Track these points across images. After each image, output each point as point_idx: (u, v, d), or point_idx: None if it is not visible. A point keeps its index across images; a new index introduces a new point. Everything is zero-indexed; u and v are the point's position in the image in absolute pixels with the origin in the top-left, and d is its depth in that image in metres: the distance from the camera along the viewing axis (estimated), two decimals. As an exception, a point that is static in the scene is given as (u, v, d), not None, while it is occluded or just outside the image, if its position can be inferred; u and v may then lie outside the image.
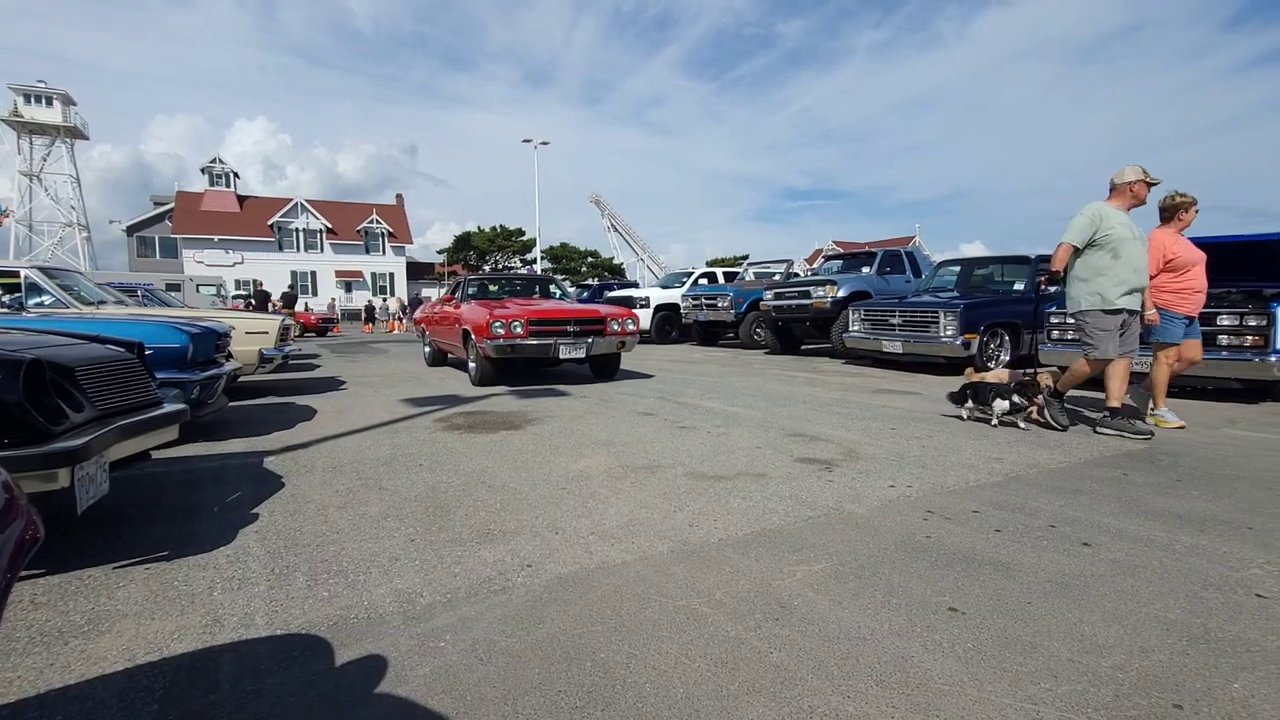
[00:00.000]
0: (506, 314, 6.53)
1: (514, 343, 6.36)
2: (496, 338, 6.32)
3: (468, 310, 7.21)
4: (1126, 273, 4.05)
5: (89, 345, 2.57)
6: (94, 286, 6.59)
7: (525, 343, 6.40)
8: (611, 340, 6.93)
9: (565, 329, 6.69)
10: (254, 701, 1.42)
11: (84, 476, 1.99)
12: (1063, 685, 1.46)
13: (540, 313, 6.71)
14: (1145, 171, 4.19)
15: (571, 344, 6.60)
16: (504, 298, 8.55)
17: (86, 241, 42.66)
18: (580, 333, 6.75)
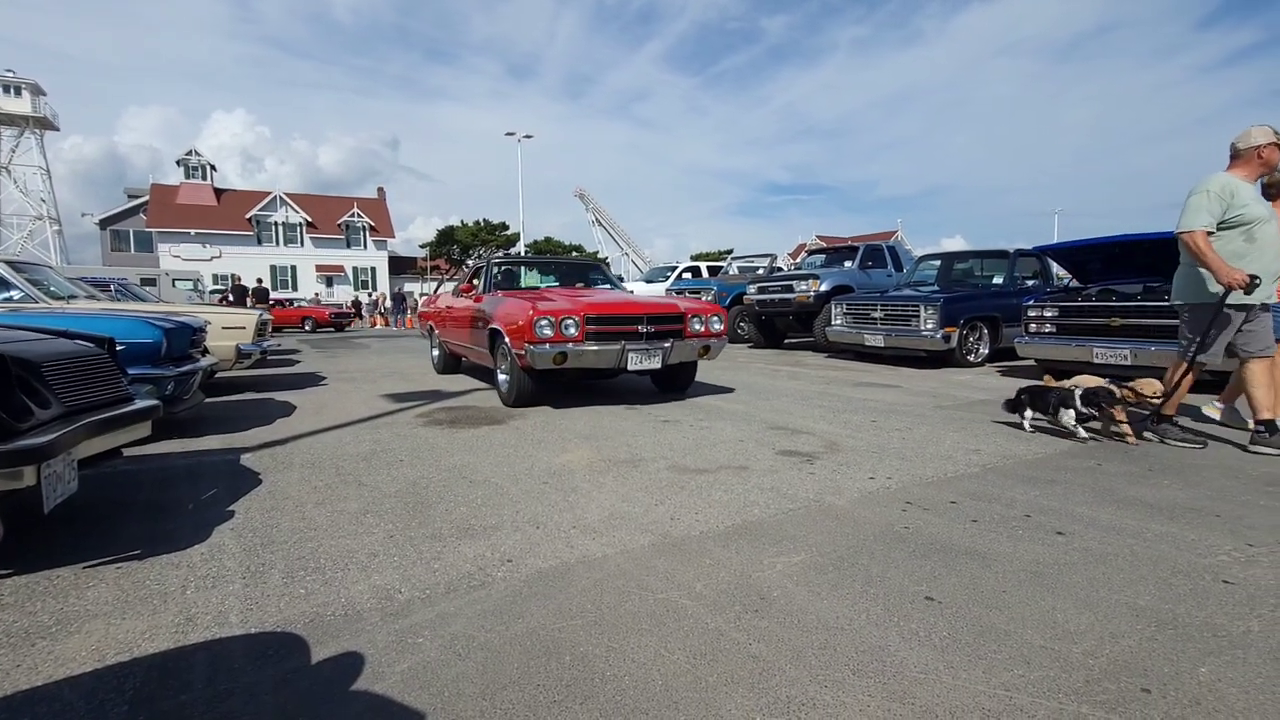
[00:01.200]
0: (555, 308, 4.77)
1: (567, 348, 4.66)
2: (542, 341, 4.63)
3: (497, 304, 5.44)
4: (1268, 259, 3.42)
5: (56, 341, 2.51)
6: (65, 281, 6.43)
7: (582, 348, 4.71)
8: (692, 344, 5.14)
9: (635, 329, 4.96)
10: (226, 701, 1.40)
11: (51, 474, 1.95)
12: (1035, 671, 1.49)
13: (601, 306, 4.99)
14: (1277, 132, 3.48)
15: (644, 350, 4.87)
16: (540, 287, 6.65)
17: (58, 235, 41.70)
18: (655, 334, 5.02)
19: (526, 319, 4.66)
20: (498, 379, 5.45)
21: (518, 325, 4.78)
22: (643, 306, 5.16)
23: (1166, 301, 5.63)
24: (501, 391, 5.39)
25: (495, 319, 5.24)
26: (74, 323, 3.50)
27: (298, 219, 42.04)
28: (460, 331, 6.49)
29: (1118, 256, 6.76)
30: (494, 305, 5.44)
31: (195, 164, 41.35)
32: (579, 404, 5.32)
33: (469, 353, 6.48)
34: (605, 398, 5.64)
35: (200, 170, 41.49)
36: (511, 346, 4.87)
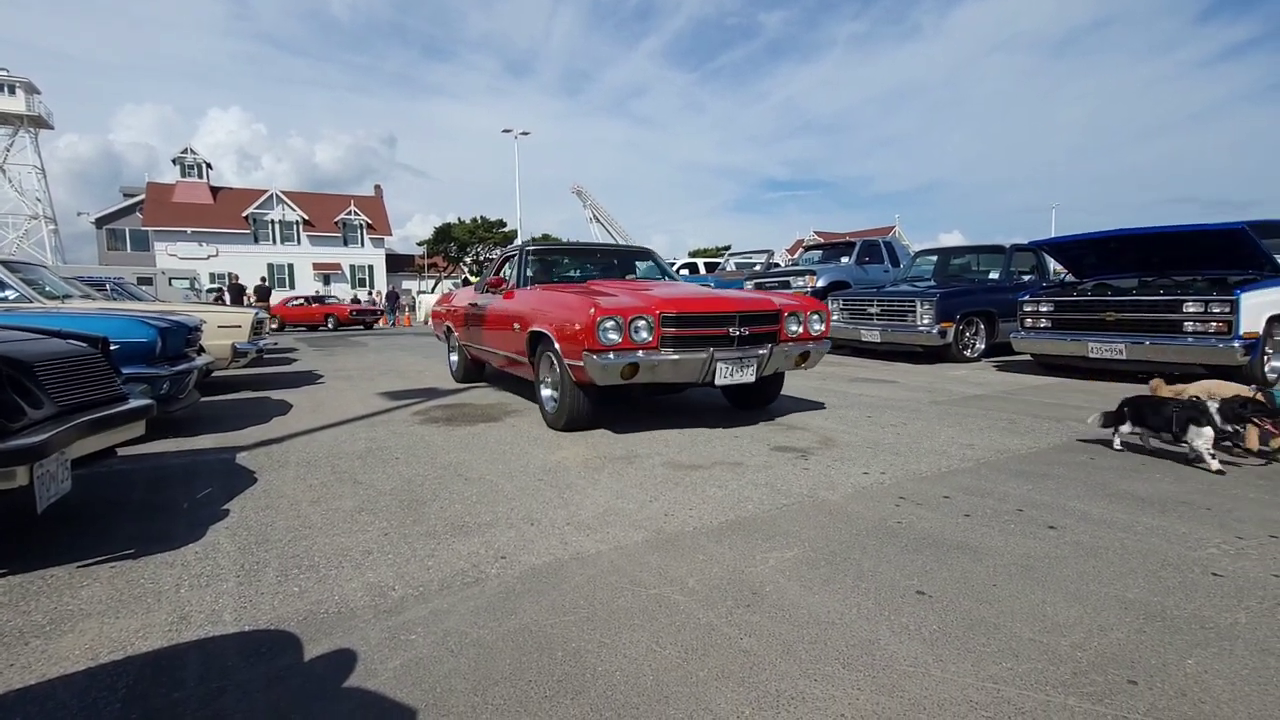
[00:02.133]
0: (621, 305, 3.72)
1: (638, 357, 3.59)
2: (606, 349, 3.58)
3: (538, 301, 4.45)
4: None
5: (50, 340, 2.51)
6: (60, 280, 6.42)
7: (658, 358, 3.64)
8: (790, 350, 4.09)
9: (725, 331, 3.89)
10: (219, 698, 1.41)
11: (44, 474, 1.95)
12: (1023, 664, 1.50)
13: (682, 303, 3.89)
14: None
15: (736, 358, 3.82)
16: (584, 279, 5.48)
17: (53, 234, 41.59)
18: (748, 338, 3.96)
19: (586, 320, 3.59)
20: (540, 395, 4.35)
21: (573, 328, 3.72)
22: (734, 302, 4.07)
23: (1161, 295, 5.68)
24: (546, 412, 4.28)
25: (538, 320, 4.20)
26: (68, 322, 3.50)
27: (294, 217, 41.91)
28: (488, 334, 5.44)
29: (1113, 251, 6.78)
30: (534, 303, 4.46)
31: (191, 162, 41.19)
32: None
33: (498, 360, 5.37)
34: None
35: (196, 168, 41.34)
36: (563, 355, 3.81)
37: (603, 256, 6.14)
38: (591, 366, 3.57)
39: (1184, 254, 6.28)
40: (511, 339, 4.75)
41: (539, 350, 4.32)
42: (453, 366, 6.89)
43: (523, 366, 4.71)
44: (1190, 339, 5.42)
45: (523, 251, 5.43)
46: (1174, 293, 5.66)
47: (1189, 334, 5.44)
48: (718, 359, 3.77)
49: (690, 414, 4.67)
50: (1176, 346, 5.47)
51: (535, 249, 5.56)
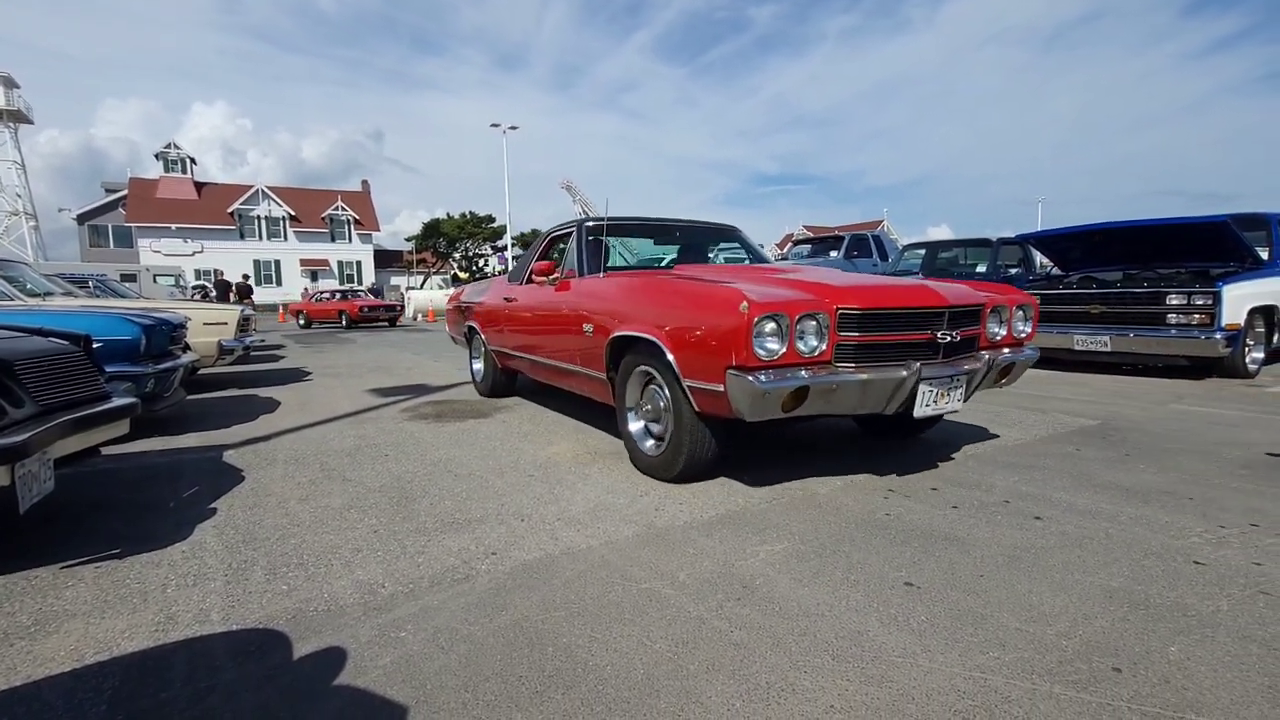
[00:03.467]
0: (781, 299, 2.51)
1: (808, 378, 2.43)
2: (765, 364, 2.41)
3: (629, 293, 3.24)
4: None
5: (30, 339, 2.47)
6: (41, 278, 6.33)
7: (840, 378, 2.49)
8: (995, 360, 2.98)
9: (930, 335, 2.73)
10: (206, 698, 1.40)
11: (26, 474, 1.92)
12: (1010, 653, 1.52)
13: (873, 293, 2.73)
14: None
15: (945, 376, 2.71)
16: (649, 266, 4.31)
17: (34, 231, 40.86)
18: (956, 345, 2.84)
19: (735, 322, 2.37)
20: (627, 428, 3.17)
21: (706, 333, 2.52)
22: (938, 294, 2.79)
23: (1145, 288, 5.75)
24: (641, 453, 3.08)
25: (629, 320, 3.02)
26: (50, 320, 3.45)
27: (281, 213, 41.50)
28: (533, 338, 4.29)
29: (1099, 244, 6.84)
30: (616, 296, 3.27)
31: (175, 157, 40.66)
32: (566, 396, 5.31)
33: (546, 373, 4.17)
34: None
35: (180, 164, 40.81)
36: (682, 373, 2.63)
37: (682, 235, 4.70)
38: (740, 392, 2.35)
39: (1168, 247, 6.35)
40: (576, 346, 3.57)
41: (626, 364, 3.12)
42: (476, 376, 5.63)
43: (591, 384, 3.54)
44: (1174, 331, 5.49)
45: (582, 228, 4.07)
46: (1158, 285, 5.72)
47: (1172, 326, 5.51)
48: (924, 376, 2.59)
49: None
50: (1160, 339, 5.54)
51: (598, 223, 4.11)
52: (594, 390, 3.58)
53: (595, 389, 3.54)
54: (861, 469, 3.04)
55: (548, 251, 4.60)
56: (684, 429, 2.76)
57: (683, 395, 2.70)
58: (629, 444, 3.19)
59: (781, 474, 3.00)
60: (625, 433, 3.20)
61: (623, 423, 3.22)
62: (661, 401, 2.94)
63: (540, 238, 4.77)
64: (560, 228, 4.51)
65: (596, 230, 4.07)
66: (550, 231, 4.67)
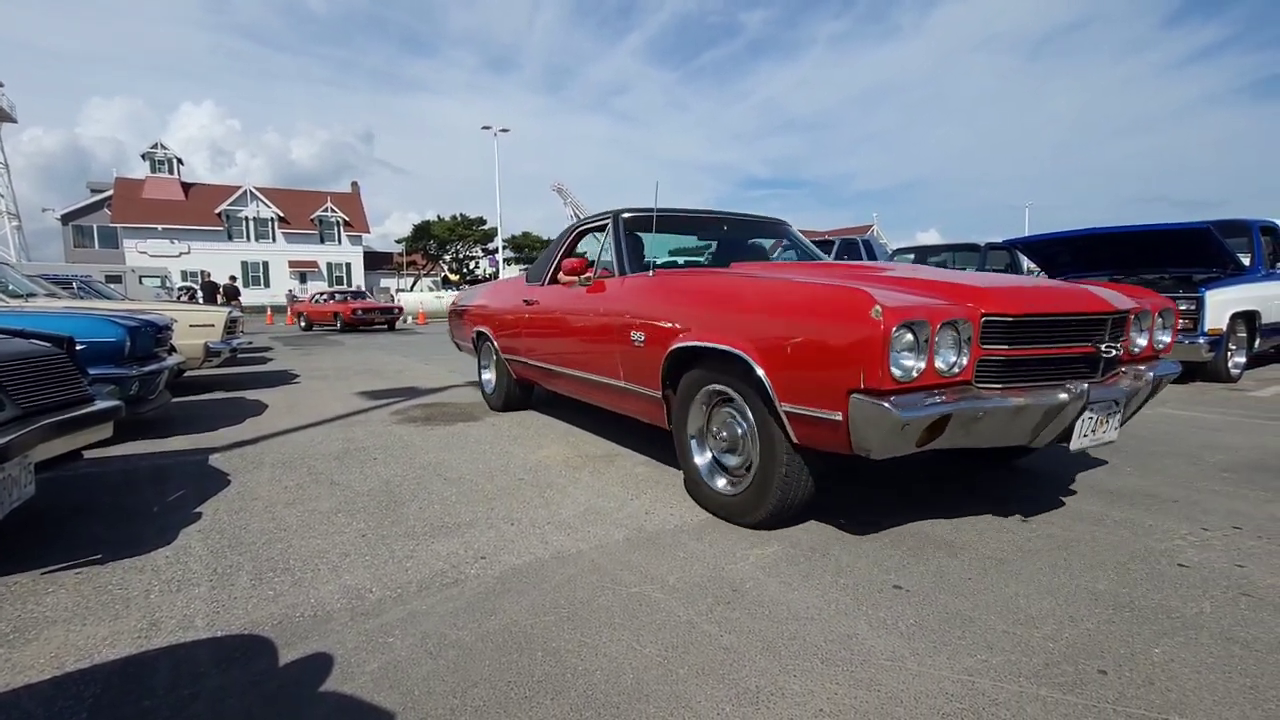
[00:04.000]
0: (913, 303, 1.95)
1: (940, 403, 1.86)
2: (897, 388, 1.84)
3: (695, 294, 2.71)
4: None
5: (11, 341, 2.43)
6: (23, 279, 6.25)
7: (989, 404, 1.93)
8: (1150, 379, 2.45)
9: (1092, 349, 2.24)
10: (190, 705, 1.38)
11: (5, 479, 1.89)
12: (997, 656, 1.52)
13: (1024, 296, 2.18)
14: None
15: (1107, 401, 2.19)
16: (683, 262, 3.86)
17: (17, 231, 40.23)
18: (1113, 360, 2.35)
19: (867, 332, 1.84)
20: (691, 459, 2.63)
21: (824, 345, 1.97)
22: (1098, 299, 2.32)
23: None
24: (712, 488, 2.54)
25: (703, 328, 2.46)
26: (32, 321, 3.40)
27: (269, 214, 41.18)
28: (563, 348, 3.69)
29: (1085, 249, 6.92)
30: (678, 300, 2.70)
31: (162, 157, 40.25)
32: (557, 400, 5.30)
33: (586, 389, 3.55)
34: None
35: (167, 164, 40.41)
36: (780, 398, 2.10)
37: (731, 229, 4.04)
38: (871, 422, 1.82)
39: (1152, 253, 6.43)
40: (618, 357, 3.03)
41: (691, 381, 2.58)
42: (487, 388, 5.08)
43: (638, 403, 3.01)
44: (1158, 336, 5.54)
45: (619, 220, 3.48)
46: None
47: (1157, 331, 5.57)
48: (1091, 401, 2.09)
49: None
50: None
51: (639, 214, 3.52)
52: (642, 410, 3.03)
53: (644, 409, 3.00)
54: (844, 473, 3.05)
55: (571, 247, 4.05)
56: (774, 465, 2.20)
57: (775, 423, 2.16)
58: (692, 479, 2.65)
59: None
60: (688, 466, 2.66)
61: (684, 453, 2.67)
62: (740, 428, 2.41)
63: (565, 232, 4.18)
64: (590, 220, 3.91)
65: (639, 222, 3.51)
66: (577, 225, 4.08)
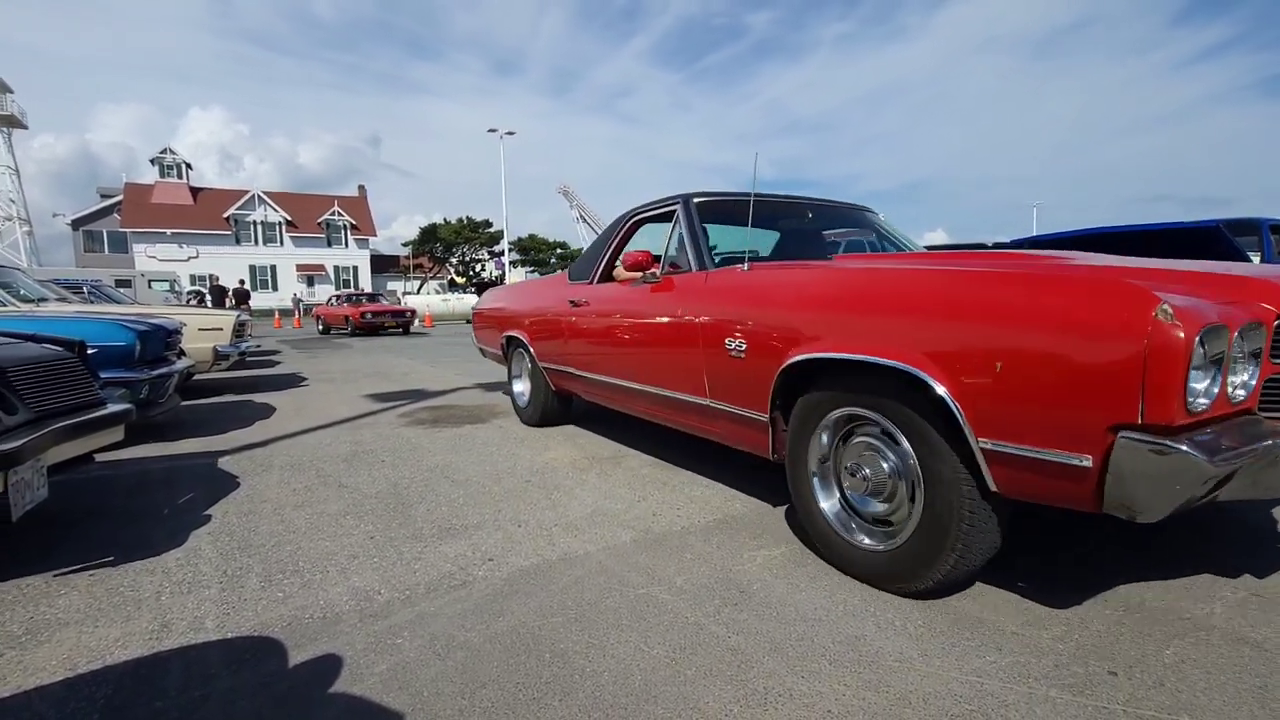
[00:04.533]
0: (1213, 307, 1.40)
1: (1266, 441, 1.41)
2: (1199, 420, 1.38)
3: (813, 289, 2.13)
4: None
5: (23, 345, 2.46)
6: (35, 283, 6.30)
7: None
8: None
9: None
10: (201, 706, 1.39)
11: (18, 481, 1.91)
12: (1006, 657, 1.52)
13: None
14: None
15: None
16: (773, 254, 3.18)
17: (28, 236, 40.70)
18: None
19: (1159, 340, 1.29)
20: (819, 505, 2.11)
21: (1070, 361, 1.41)
22: None
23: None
24: (849, 542, 2.01)
25: (843, 335, 1.94)
26: (44, 326, 3.43)
27: (277, 218, 41.44)
28: (623, 356, 3.14)
29: (1094, 249, 6.88)
30: (794, 300, 2.17)
31: (171, 162, 40.57)
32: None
33: (654, 406, 3.00)
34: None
35: (176, 169, 40.72)
36: (976, 430, 1.58)
37: (816, 217, 3.40)
38: (1146, 472, 1.37)
39: (1161, 252, 6.38)
40: (709, 371, 2.47)
41: (812, 404, 2.06)
42: (519, 401, 4.53)
43: (734, 427, 2.44)
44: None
45: (691, 206, 2.94)
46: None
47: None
48: None
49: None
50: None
51: (715, 199, 3.04)
52: (735, 435, 2.48)
53: (738, 433, 2.45)
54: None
55: (625, 238, 3.50)
56: (952, 516, 1.67)
57: (957, 462, 1.65)
58: (816, 528, 2.08)
59: (775, 480, 3.00)
60: (808, 511, 2.10)
61: (803, 495, 2.12)
62: (887, 463, 1.87)
63: (618, 222, 3.59)
64: (650, 207, 3.35)
65: (713, 209, 2.98)
66: (632, 213, 3.50)
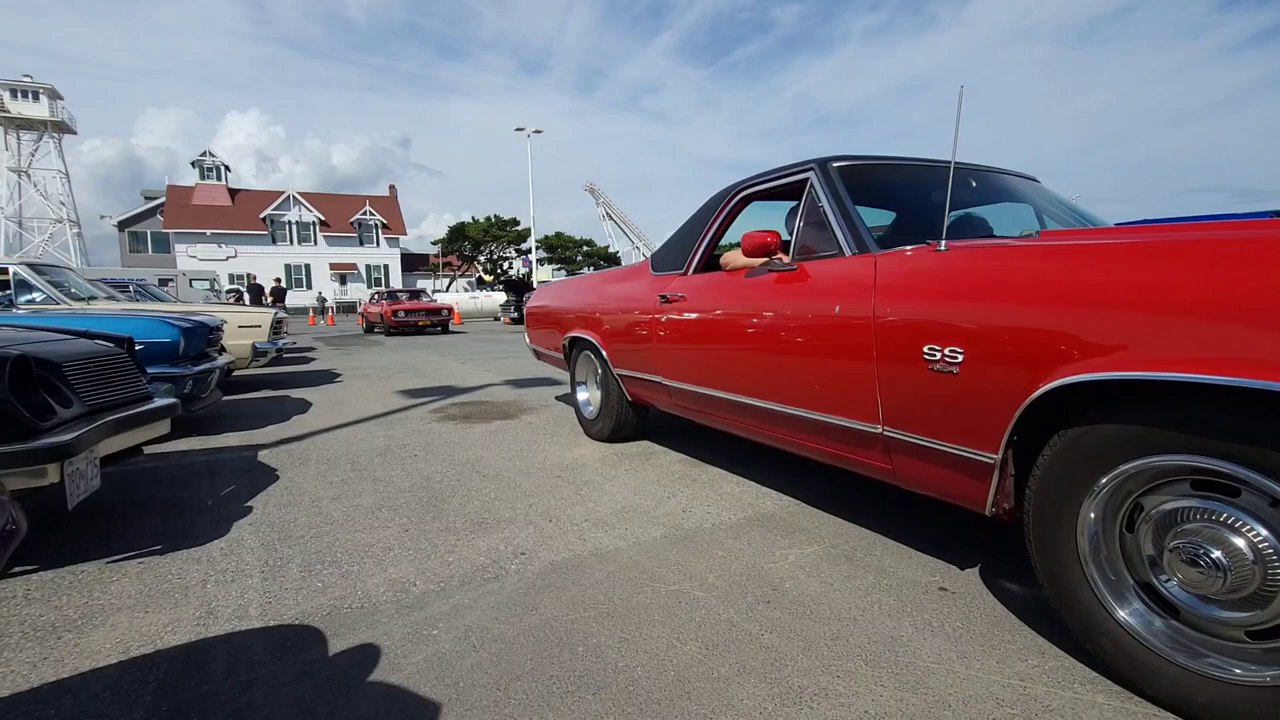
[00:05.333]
0: None
1: None
2: None
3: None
4: None
5: (77, 341, 2.55)
6: (85, 282, 6.54)
7: None
8: None
9: None
10: (246, 692, 1.43)
11: (74, 472, 1.99)
12: (1050, 661, 1.48)
13: None
14: None
15: None
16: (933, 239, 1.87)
17: (77, 237, 42.36)
18: None
19: None
20: (1109, 613, 1.35)
21: None
22: None
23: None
24: (1200, 674, 1.22)
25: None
26: (94, 323, 3.56)
27: (311, 218, 42.41)
28: (753, 368, 2.45)
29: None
30: (1095, 289, 1.36)
31: (210, 165, 41.82)
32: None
33: (803, 434, 2.26)
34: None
35: (215, 171, 41.96)
36: None
37: (980, 186, 2.65)
38: None
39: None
40: (887, 389, 1.86)
41: (1090, 447, 1.37)
42: (585, 412, 3.98)
43: (935, 470, 1.79)
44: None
45: (830, 171, 2.34)
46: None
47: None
48: None
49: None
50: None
51: (856, 165, 2.40)
52: (933, 479, 1.81)
53: (938, 477, 1.78)
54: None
55: (727, 217, 2.94)
56: None
57: None
58: (1111, 643, 1.36)
59: (807, 477, 2.97)
60: (1090, 613, 1.40)
61: (1070, 582, 1.43)
62: (1250, 555, 1.18)
63: (719, 198, 2.99)
64: (763, 179, 2.71)
65: (862, 176, 2.37)
66: (739, 187, 2.87)
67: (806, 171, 2.42)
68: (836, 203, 2.24)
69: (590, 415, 3.94)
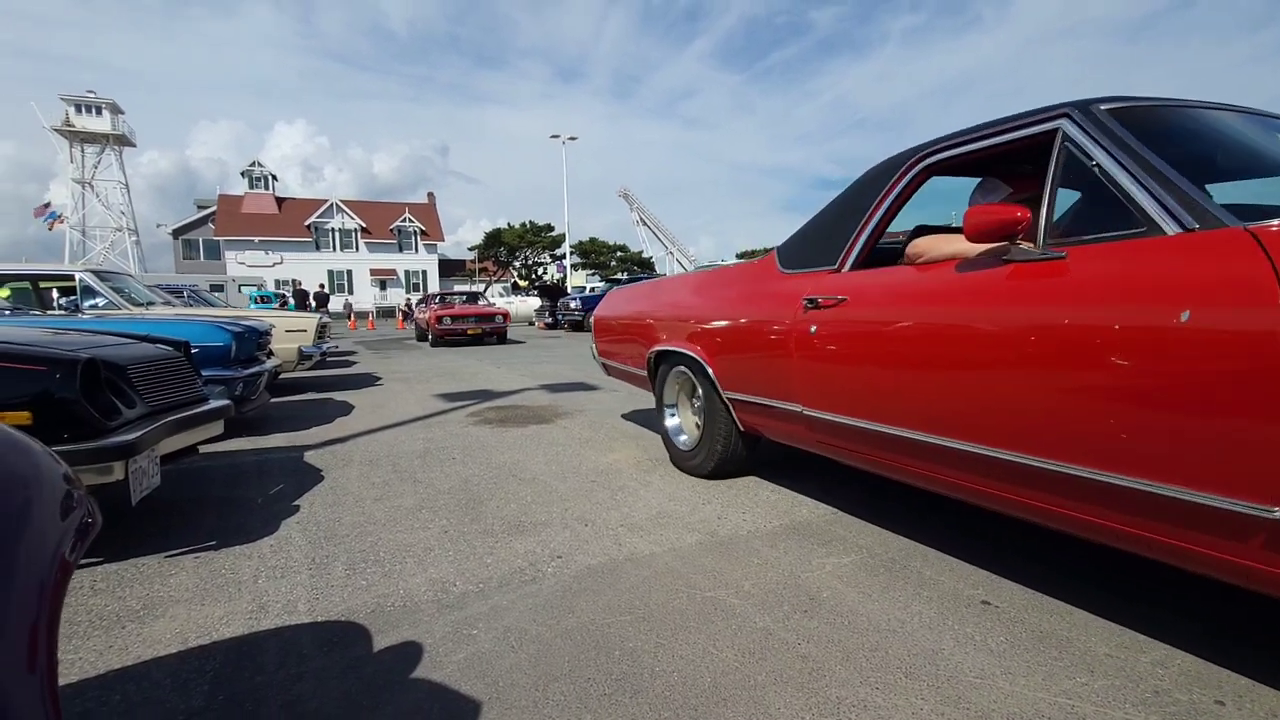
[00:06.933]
0: None
1: None
2: None
3: None
4: None
5: (139, 345, 2.69)
6: (143, 288, 6.86)
7: None
8: None
9: None
10: (297, 684, 1.48)
11: (137, 469, 2.09)
12: (1099, 680, 1.43)
13: None
14: None
15: None
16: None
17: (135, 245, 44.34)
18: None
19: None
20: None
21: None
22: None
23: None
24: None
25: None
26: (153, 328, 3.74)
27: (353, 225, 43.65)
28: (978, 402, 1.71)
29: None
30: None
31: (258, 175, 43.45)
32: (625, 404, 5.36)
33: (1025, 489, 1.65)
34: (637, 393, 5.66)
35: (263, 180, 43.57)
36: None
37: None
38: None
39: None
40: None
41: None
42: (678, 441, 3.31)
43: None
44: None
45: (1094, 115, 1.64)
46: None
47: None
48: None
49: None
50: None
51: (1134, 106, 1.68)
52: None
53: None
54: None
55: (905, 198, 2.29)
56: None
57: None
58: None
59: (844, 485, 2.93)
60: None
61: None
62: None
63: (888, 170, 2.33)
64: (958, 139, 2.06)
65: (1152, 120, 1.68)
66: (918, 153, 2.21)
67: (1055, 119, 1.72)
68: (1132, 157, 1.52)
69: (685, 446, 3.24)
